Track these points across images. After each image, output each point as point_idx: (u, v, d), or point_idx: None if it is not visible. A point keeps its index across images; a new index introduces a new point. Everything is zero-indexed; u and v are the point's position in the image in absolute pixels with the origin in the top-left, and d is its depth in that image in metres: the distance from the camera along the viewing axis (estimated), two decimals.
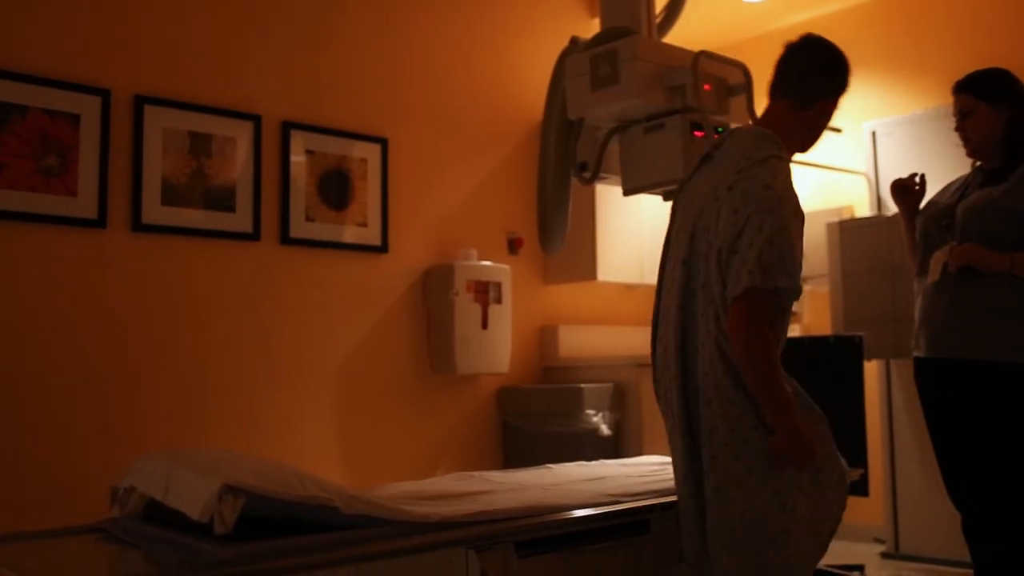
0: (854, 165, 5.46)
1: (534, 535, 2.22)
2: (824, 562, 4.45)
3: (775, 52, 2.72)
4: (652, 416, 4.39)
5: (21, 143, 3.44)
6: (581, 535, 2.35)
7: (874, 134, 5.23)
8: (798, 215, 2.31)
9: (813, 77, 2.54)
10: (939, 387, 3.00)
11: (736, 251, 2.23)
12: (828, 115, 2.58)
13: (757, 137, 2.44)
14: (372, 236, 4.41)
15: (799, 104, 2.52)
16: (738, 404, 2.28)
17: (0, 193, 3.38)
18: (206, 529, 1.85)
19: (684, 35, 3.86)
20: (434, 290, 4.57)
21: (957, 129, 3.06)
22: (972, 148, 3.04)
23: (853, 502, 4.40)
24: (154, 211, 3.75)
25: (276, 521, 1.94)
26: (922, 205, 3.20)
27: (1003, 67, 3.06)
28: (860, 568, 4.45)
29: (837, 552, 4.97)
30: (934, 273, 2.98)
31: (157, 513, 2.12)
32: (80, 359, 3.52)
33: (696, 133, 3.14)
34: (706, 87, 3.15)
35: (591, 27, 5.17)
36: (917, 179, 3.25)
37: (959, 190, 3.08)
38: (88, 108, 3.60)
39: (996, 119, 2.96)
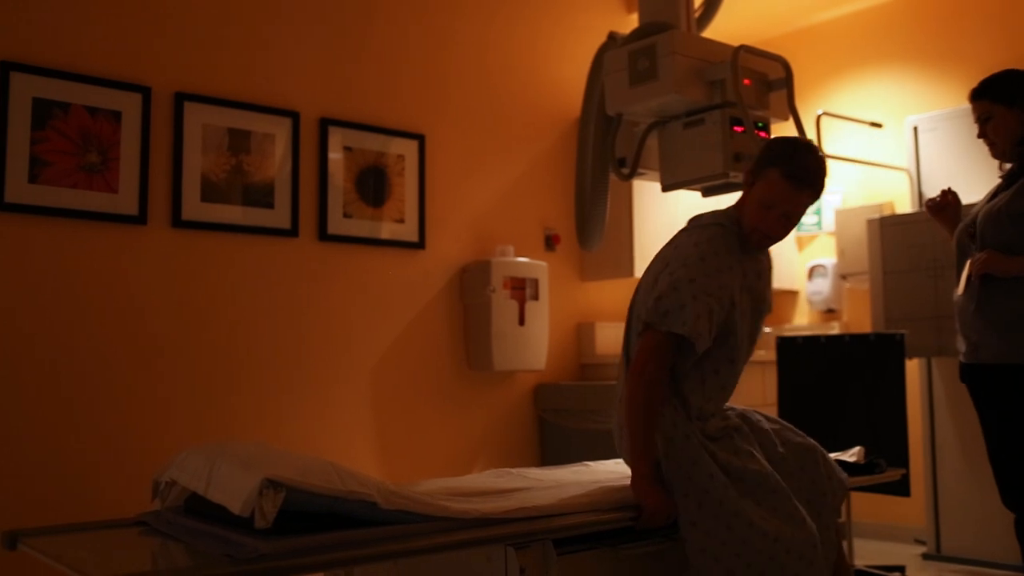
0: (895, 161, 5.40)
1: (572, 533, 2.21)
2: (864, 563, 4.44)
3: (817, 46, 2.73)
4: None
5: (63, 140, 3.48)
6: (619, 533, 2.34)
7: (916, 129, 5.16)
8: (718, 276, 2.44)
9: (752, 167, 2.62)
10: (982, 390, 3.01)
11: (650, 292, 2.48)
12: (755, 198, 2.55)
13: (718, 212, 2.65)
14: (409, 232, 4.42)
15: (745, 190, 2.65)
16: (681, 426, 2.44)
17: (43, 190, 3.42)
18: (247, 523, 1.86)
19: (723, 29, 3.83)
20: (471, 286, 4.57)
21: (980, 136, 3.05)
22: (998, 152, 3.04)
23: (894, 502, 4.38)
24: (194, 208, 3.78)
25: (314, 515, 1.94)
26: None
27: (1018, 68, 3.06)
28: (901, 569, 4.40)
29: (878, 553, 4.92)
30: (960, 285, 3.00)
31: (198, 506, 2.14)
32: (120, 354, 3.55)
33: (736, 128, 3.12)
34: (746, 82, 3.12)
35: (629, 22, 5.14)
36: (949, 196, 3.25)
37: (989, 196, 3.06)
38: (129, 105, 3.63)
39: (1015, 120, 2.95)
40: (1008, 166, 3.07)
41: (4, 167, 3.33)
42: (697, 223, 2.64)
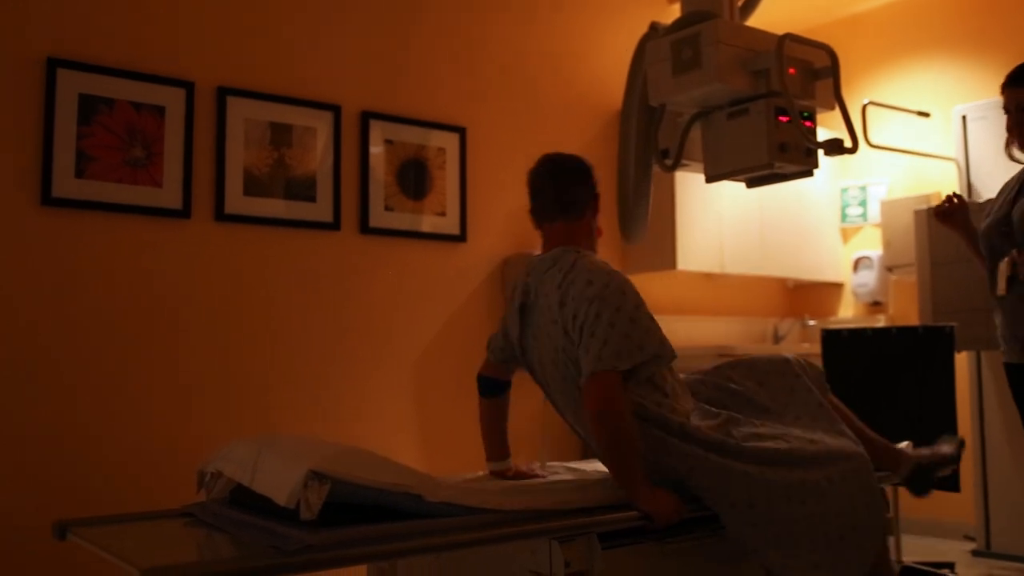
0: (943, 150, 5.30)
1: (618, 527, 2.19)
2: (913, 559, 4.37)
3: (863, 34, 2.67)
4: None
5: (109, 135, 3.51)
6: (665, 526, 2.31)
7: (964, 118, 5.06)
8: (627, 288, 2.43)
9: (571, 195, 2.69)
10: None
11: (586, 347, 2.35)
12: (597, 209, 2.77)
13: (554, 257, 2.59)
14: (451, 225, 4.42)
15: (573, 219, 2.67)
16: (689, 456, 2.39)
17: (90, 184, 3.46)
18: (292, 514, 1.86)
19: (767, 18, 3.78)
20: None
21: (1011, 124, 2.95)
22: None
23: (943, 497, 4.31)
24: (236, 201, 3.80)
25: (359, 507, 1.94)
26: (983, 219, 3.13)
27: None
28: (950, 566, 4.33)
29: (926, 549, 4.85)
30: (1000, 286, 2.93)
31: (243, 498, 2.15)
32: (163, 346, 3.58)
33: (781, 118, 3.07)
34: (791, 71, 3.07)
35: (670, 12, 5.09)
36: (955, 200, 3.20)
37: (1013, 194, 2.97)
38: (173, 100, 3.66)
39: None
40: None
41: (52, 162, 3.37)
42: (560, 271, 2.52)
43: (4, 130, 3.32)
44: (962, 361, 4.75)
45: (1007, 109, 2.98)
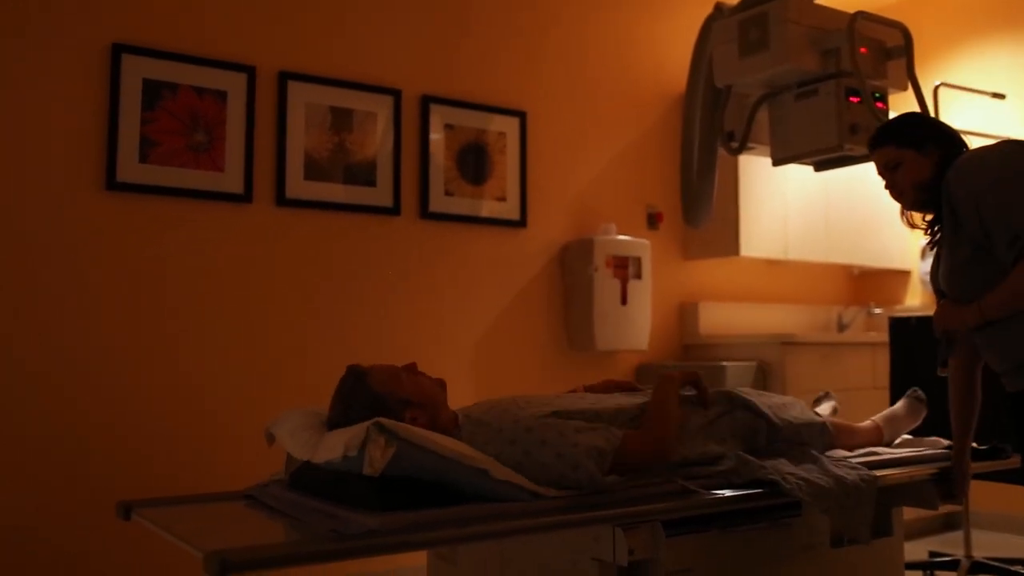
0: (1019, 133, 5.14)
1: (682, 514, 2.15)
2: (985, 555, 4.25)
3: (936, 12, 2.55)
4: (797, 395, 4.24)
5: (172, 120, 3.54)
6: (730, 515, 2.27)
7: None
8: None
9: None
10: None
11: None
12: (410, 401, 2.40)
13: None
14: (510, 211, 4.39)
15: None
16: None
17: (153, 169, 3.48)
18: (353, 499, 1.84)
19: None
20: (573, 265, 4.51)
21: (887, 187, 2.74)
22: (910, 201, 2.71)
23: (1017, 491, 4.18)
24: (297, 186, 3.81)
25: (417, 490, 1.91)
26: None
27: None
28: (1023, 562, 4.21)
29: (998, 544, 4.72)
30: (941, 368, 2.77)
31: (303, 481, 2.14)
32: (225, 328, 3.61)
33: (851, 99, 3.00)
34: (862, 50, 2.99)
35: None
36: None
37: (935, 257, 2.78)
38: (234, 85, 3.67)
39: (926, 164, 2.64)
40: (922, 218, 2.78)
41: (116, 147, 3.41)
42: None
43: (71, 116, 3.36)
44: None
45: (879, 173, 2.78)
